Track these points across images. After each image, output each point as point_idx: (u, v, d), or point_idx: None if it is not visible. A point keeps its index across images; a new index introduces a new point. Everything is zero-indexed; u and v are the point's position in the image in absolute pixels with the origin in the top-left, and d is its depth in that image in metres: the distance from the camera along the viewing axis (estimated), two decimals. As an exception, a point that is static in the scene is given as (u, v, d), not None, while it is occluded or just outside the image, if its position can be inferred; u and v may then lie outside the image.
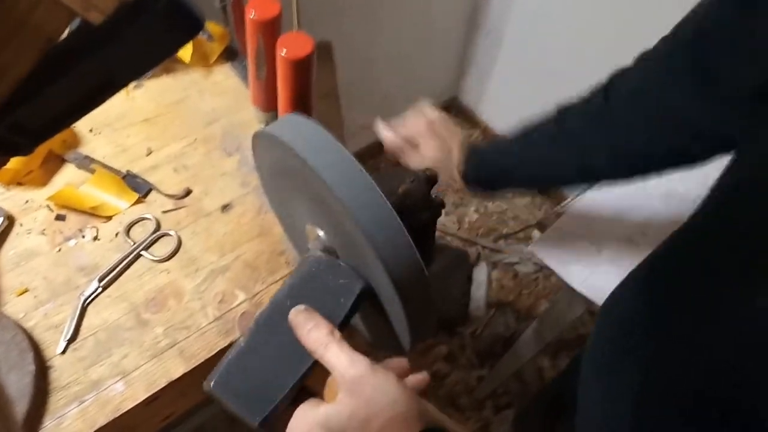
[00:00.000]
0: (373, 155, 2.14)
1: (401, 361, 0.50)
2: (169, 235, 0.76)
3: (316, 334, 0.46)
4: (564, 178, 0.71)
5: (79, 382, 0.65)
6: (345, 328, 0.50)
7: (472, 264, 1.88)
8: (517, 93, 1.97)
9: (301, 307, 0.49)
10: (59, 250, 0.74)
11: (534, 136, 0.68)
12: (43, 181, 0.80)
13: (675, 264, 0.50)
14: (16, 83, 0.33)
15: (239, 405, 0.46)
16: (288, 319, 0.48)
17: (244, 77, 0.93)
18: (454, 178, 0.73)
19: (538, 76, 1.83)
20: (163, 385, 0.65)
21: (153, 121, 0.88)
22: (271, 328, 0.49)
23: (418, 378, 0.50)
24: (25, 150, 0.39)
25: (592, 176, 0.67)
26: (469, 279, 1.84)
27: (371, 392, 0.43)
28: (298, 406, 0.46)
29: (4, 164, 0.40)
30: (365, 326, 0.64)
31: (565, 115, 0.65)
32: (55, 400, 0.63)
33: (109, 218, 0.77)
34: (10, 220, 0.76)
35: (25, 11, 0.30)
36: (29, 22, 0.30)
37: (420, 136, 0.74)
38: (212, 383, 0.47)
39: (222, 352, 0.68)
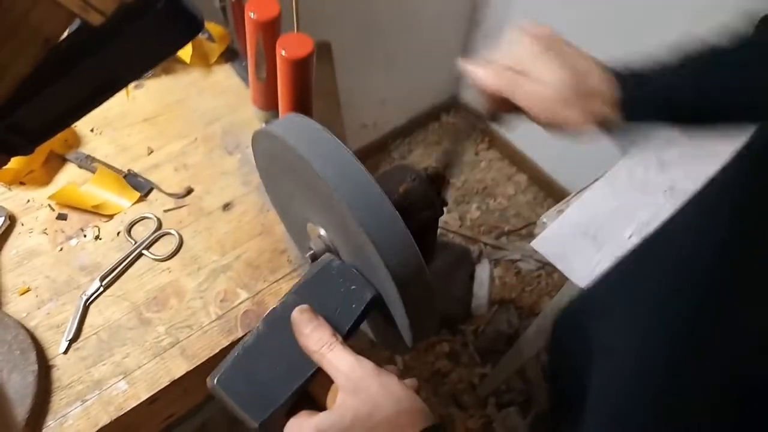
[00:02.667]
0: (373, 154, 2.15)
1: (391, 368, 0.49)
2: (171, 234, 0.76)
3: (318, 335, 0.46)
4: (744, 109, 0.52)
5: (81, 381, 0.65)
6: (351, 336, 0.50)
7: (474, 261, 1.88)
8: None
9: (304, 306, 0.48)
10: (61, 249, 0.74)
11: (713, 58, 0.52)
12: (45, 180, 0.80)
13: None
14: (16, 83, 0.34)
15: (241, 404, 0.46)
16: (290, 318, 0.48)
17: (245, 77, 0.94)
18: (598, 106, 0.52)
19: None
20: (165, 384, 0.65)
21: (154, 120, 0.88)
22: (277, 328, 0.49)
23: (410, 382, 0.49)
24: (25, 150, 0.39)
25: None
26: (472, 276, 1.84)
27: (377, 390, 0.43)
28: (296, 412, 0.45)
29: (5, 164, 0.40)
30: (367, 324, 0.64)
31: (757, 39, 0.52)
32: (58, 400, 0.63)
33: (111, 217, 0.77)
34: (12, 220, 0.76)
35: (23, 12, 0.30)
36: (27, 22, 0.30)
37: (530, 60, 0.52)
38: (216, 380, 0.47)
39: (224, 351, 0.68)
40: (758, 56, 0.51)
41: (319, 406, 0.47)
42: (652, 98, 0.53)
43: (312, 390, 0.48)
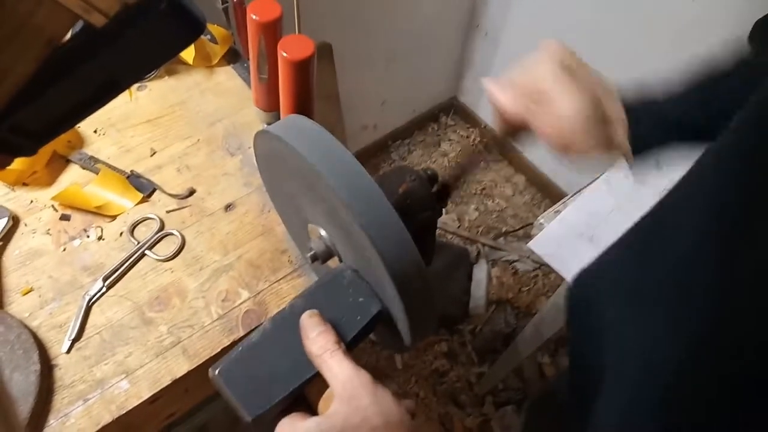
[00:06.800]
0: (374, 156, 2.15)
1: (408, 402, 0.50)
2: (173, 234, 0.77)
3: (323, 340, 0.47)
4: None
5: (83, 380, 0.65)
6: (354, 346, 0.51)
7: (472, 262, 1.88)
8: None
9: (314, 311, 0.49)
10: (64, 249, 0.75)
11: (715, 81, 0.54)
12: (48, 181, 0.81)
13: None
14: (19, 84, 0.34)
15: (238, 397, 0.47)
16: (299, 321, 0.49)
17: (246, 78, 0.94)
18: (615, 140, 0.54)
19: (538, 75, 1.82)
20: (167, 384, 0.66)
21: (156, 121, 0.89)
22: (283, 329, 0.50)
23: (408, 403, 0.50)
24: (28, 151, 0.39)
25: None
26: (470, 277, 1.85)
27: (369, 402, 0.43)
28: (290, 412, 0.46)
29: (9, 164, 0.41)
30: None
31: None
32: (60, 399, 0.64)
33: (114, 218, 0.78)
34: (15, 221, 0.76)
35: (26, 13, 0.30)
36: (30, 24, 0.30)
37: (550, 86, 0.51)
38: (217, 371, 0.48)
39: (225, 350, 0.69)
40: (755, 76, 0.50)
41: (312, 409, 0.48)
42: (660, 127, 0.55)
43: (308, 393, 0.49)
